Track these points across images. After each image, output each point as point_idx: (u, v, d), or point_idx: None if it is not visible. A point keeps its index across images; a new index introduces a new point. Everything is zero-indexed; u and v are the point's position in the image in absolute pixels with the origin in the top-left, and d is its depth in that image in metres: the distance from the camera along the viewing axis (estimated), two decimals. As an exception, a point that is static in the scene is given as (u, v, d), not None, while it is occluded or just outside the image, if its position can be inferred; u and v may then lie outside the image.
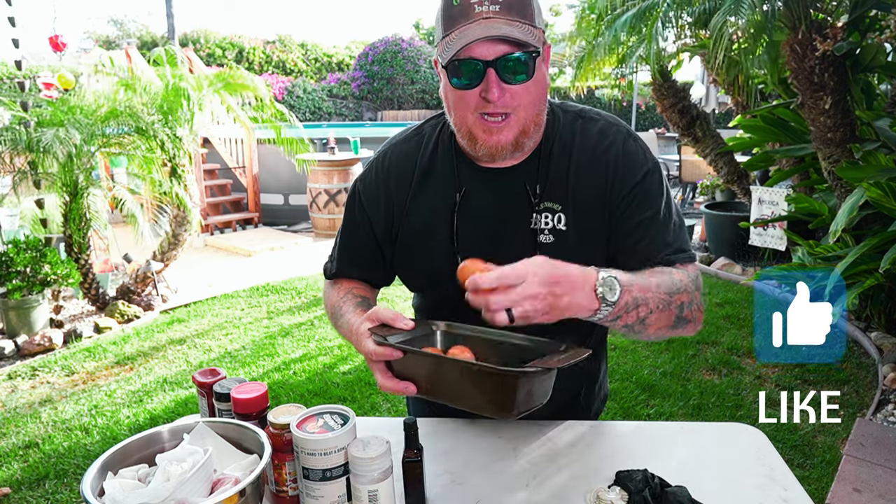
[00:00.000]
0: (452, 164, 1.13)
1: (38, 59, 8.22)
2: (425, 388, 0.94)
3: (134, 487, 0.84)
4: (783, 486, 0.99)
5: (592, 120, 1.13)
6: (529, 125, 1.03)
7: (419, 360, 0.94)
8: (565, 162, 1.10)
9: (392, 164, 1.18)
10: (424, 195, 1.14)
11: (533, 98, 1.01)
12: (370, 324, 0.98)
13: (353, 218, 1.22)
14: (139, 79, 4.69)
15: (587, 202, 1.09)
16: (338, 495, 0.90)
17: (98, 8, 53.23)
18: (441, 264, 1.13)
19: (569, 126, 1.12)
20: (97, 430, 3.06)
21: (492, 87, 0.96)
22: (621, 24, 3.78)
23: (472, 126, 1.02)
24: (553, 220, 1.09)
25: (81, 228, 4.37)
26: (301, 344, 4.10)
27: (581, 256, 1.10)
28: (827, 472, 2.55)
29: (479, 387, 0.88)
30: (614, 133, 1.11)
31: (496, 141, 1.02)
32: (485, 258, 0.98)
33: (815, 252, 3.75)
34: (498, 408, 0.86)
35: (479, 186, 1.11)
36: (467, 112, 1.01)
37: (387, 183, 1.17)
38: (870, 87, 3.94)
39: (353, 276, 1.25)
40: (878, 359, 3.43)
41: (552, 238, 1.09)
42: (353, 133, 8.57)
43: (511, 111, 1.00)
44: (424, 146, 1.16)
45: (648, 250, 1.08)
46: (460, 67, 0.97)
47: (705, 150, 5.44)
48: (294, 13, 67.02)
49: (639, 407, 3.13)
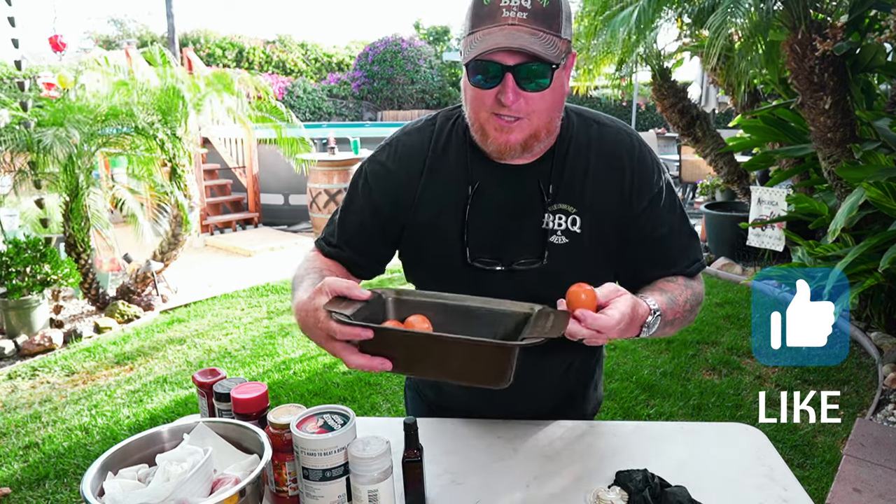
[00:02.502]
0: (466, 158, 1.13)
1: (38, 59, 8.22)
2: (403, 363, 0.90)
3: (134, 487, 0.84)
4: (783, 486, 0.99)
5: (607, 126, 1.15)
6: (541, 130, 1.04)
7: (398, 337, 0.91)
8: (581, 165, 1.11)
9: (403, 153, 1.17)
10: (435, 187, 1.14)
11: (548, 105, 1.01)
12: (324, 298, 0.92)
13: (358, 197, 1.19)
14: (135, 79, 4.69)
15: (603, 207, 1.11)
16: (338, 495, 0.90)
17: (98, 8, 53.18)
18: (449, 256, 1.13)
19: (584, 130, 1.13)
20: (97, 430, 3.06)
21: (507, 91, 0.97)
22: (619, 21, 3.77)
23: (485, 122, 1.03)
24: (567, 221, 1.10)
25: (82, 228, 4.37)
26: (301, 344, 4.10)
27: (593, 260, 1.12)
28: (827, 472, 2.55)
29: (473, 361, 0.88)
30: (630, 141, 1.13)
31: (506, 140, 1.03)
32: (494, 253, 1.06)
33: (815, 252, 3.75)
34: (492, 379, 0.87)
35: (491, 182, 1.12)
36: (481, 109, 1.02)
37: (397, 171, 1.15)
38: (870, 87, 3.94)
39: (342, 255, 1.20)
40: (878, 359, 3.43)
41: (565, 239, 1.10)
42: (353, 133, 8.57)
43: (524, 115, 1.01)
44: (436, 137, 1.16)
45: (668, 260, 1.14)
46: (480, 67, 0.98)
47: (705, 150, 5.44)
48: (294, 13, 66.92)
49: (639, 407, 3.13)
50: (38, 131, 3.99)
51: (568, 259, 1.11)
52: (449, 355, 0.89)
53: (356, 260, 1.20)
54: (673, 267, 1.14)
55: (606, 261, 1.14)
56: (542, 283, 1.12)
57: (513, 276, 1.11)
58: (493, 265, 1.11)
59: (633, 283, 1.16)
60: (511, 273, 1.11)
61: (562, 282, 1.12)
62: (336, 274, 1.16)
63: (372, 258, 1.21)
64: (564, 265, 1.10)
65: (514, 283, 1.12)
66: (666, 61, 5.27)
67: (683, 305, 1.08)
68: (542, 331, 0.86)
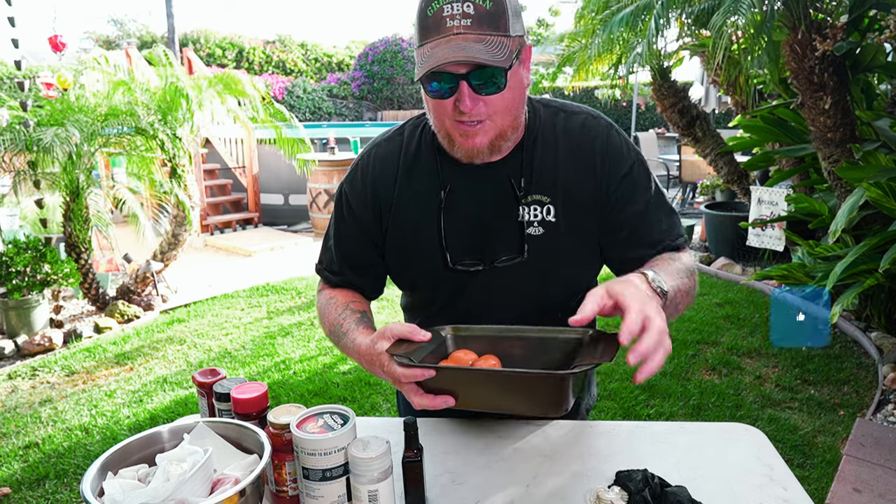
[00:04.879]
0: (436, 163, 1.13)
1: (38, 59, 8.22)
2: (463, 398, 0.95)
3: (134, 487, 0.84)
4: (783, 486, 0.99)
5: (574, 114, 1.15)
6: (506, 129, 1.04)
7: (457, 374, 0.95)
8: (550, 154, 1.11)
9: (376, 165, 1.18)
10: (410, 194, 1.15)
11: (507, 105, 1.01)
12: (386, 343, 0.96)
13: (343, 221, 1.21)
14: (135, 78, 4.69)
15: (577, 194, 1.11)
16: (338, 495, 0.90)
17: (98, 8, 53.20)
18: (431, 262, 1.14)
19: (550, 120, 1.14)
20: (97, 430, 3.06)
21: (464, 98, 0.97)
22: (617, 21, 3.77)
23: (450, 129, 1.04)
24: (542, 211, 1.11)
25: (83, 228, 4.37)
26: (301, 344, 4.10)
27: (572, 247, 1.13)
28: (827, 472, 2.55)
29: (527, 392, 0.91)
30: (597, 126, 1.13)
31: (472, 144, 1.03)
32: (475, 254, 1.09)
33: (815, 252, 3.75)
34: (550, 409, 0.89)
35: (463, 184, 1.12)
36: (444, 117, 1.03)
37: (373, 184, 1.17)
38: (870, 87, 3.94)
39: (348, 279, 1.23)
40: (878, 359, 3.43)
41: (542, 230, 1.10)
42: (353, 133, 8.57)
43: (486, 118, 1.01)
44: (406, 146, 1.17)
45: (651, 237, 1.12)
46: (434, 79, 0.98)
47: (705, 150, 5.44)
48: (294, 13, 66.96)
49: (639, 407, 3.13)
50: (38, 131, 3.99)
51: (547, 249, 1.11)
52: (504, 388, 0.92)
53: (360, 281, 1.24)
54: (656, 245, 1.12)
55: (586, 246, 1.14)
56: (525, 276, 1.13)
57: (495, 273, 1.12)
58: (475, 266, 1.12)
59: (620, 268, 1.17)
60: (493, 271, 1.12)
61: (544, 273, 1.13)
62: (359, 304, 1.20)
63: (373, 272, 1.23)
64: (544, 255, 1.11)
65: (498, 281, 1.13)
66: (666, 61, 5.27)
67: (677, 273, 1.03)
68: (594, 357, 0.89)
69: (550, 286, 1.15)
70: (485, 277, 1.13)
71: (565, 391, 0.87)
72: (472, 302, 1.16)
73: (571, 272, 1.16)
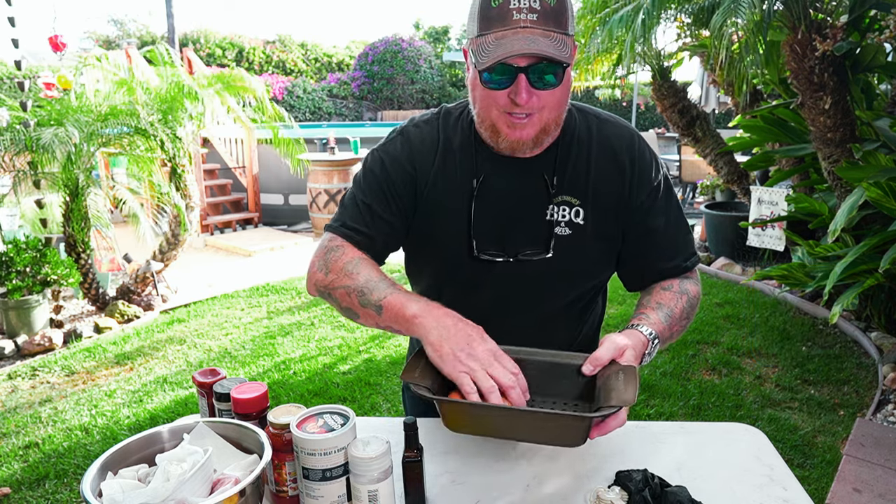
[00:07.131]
0: (472, 151, 1.13)
1: (38, 59, 8.22)
2: (486, 429, 0.98)
3: (134, 487, 0.84)
4: (783, 486, 0.99)
5: (607, 121, 1.17)
6: (551, 125, 1.06)
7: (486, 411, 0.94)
8: (584, 158, 1.13)
9: (416, 140, 1.16)
10: (444, 177, 1.14)
11: (558, 100, 1.03)
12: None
13: (375, 181, 1.14)
14: (135, 77, 4.69)
15: (605, 200, 1.12)
16: (338, 495, 0.90)
17: (98, 8, 53.21)
18: (455, 248, 1.13)
19: (585, 124, 1.15)
20: (97, 430, 3.06)
21: (521, 91, 0.98)
22: (616, 21, 3.77)
23: (497, 120, 1.04)
24: (571, 213, 1.12)
25: (82, 228, 4.37)
26: (301, 344, 4.10)
27: (596, 251, 1.15)
28: (827, 472, 2.55)
29: (556, 429, 0.93)
30: (629, 135, 1.16)
31: (518, 136, 1.04)
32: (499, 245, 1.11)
33: (815, 252, 3.75)
34: (571, 443, 0.93)
35: (496, 175, 1.13)
36: (493, 108, 1.03)
37: (413, 156, 1.14)
38: (870, 87, 3.94)
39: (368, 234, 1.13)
40: (878, 359, 3.43)
41: (569, 231, 1.12)
42: (353, 133, 8.57)
43: (536, 111, 1.02)
44: (443, 129, 1.16)
45: (668, 252, 1.16)
46: (493, 69, 0.98)
47: (705, 150, 5.44)
48: (294, 13, 66.96)
49: (639, 407, 3.13)
50: (38, 131, 3.99)
51: (573, 249, 1.12)
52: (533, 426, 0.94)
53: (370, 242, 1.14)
54: (673, 259, 1.16)
55: (609, 253, 1.16)
56: (545, 274, 1.13)
57: (517, 266, 1.12)
58: (498, 256, 1.12)
59: (636, 277, 1.19)
60: (516, 264, 1.12)
61: (564, 273, 1.13)
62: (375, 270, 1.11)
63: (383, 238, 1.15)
64: (568, 256, 1.12)
65: (519, 274, 1.13)
66: (666, 61, 5.27)
67: (680, 315, 1.11)
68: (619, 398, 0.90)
69: (567, 287, 1.17)
70: (504, 270, 1.13)
71: (589, 429, 0.90)
72: (484, 298, 1.16)
73: (590, 275, 1.18)
